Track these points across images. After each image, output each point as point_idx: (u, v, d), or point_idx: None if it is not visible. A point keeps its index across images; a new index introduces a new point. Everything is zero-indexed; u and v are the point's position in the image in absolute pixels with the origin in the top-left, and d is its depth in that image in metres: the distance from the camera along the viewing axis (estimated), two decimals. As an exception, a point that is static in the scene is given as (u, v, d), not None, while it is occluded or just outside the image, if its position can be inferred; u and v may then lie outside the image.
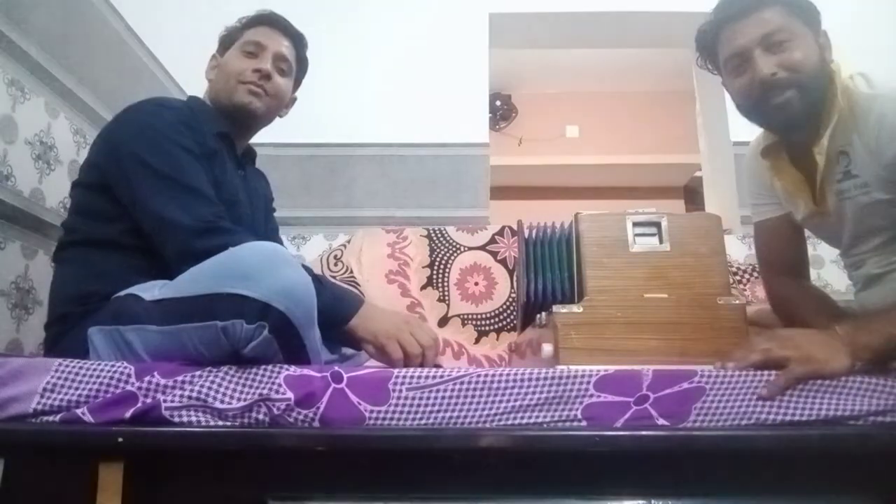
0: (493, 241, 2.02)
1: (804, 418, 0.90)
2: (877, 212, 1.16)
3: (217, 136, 1.30)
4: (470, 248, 2.01)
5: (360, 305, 1.17)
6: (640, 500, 0.91)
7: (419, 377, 0.91)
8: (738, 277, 1.93)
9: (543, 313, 1.09)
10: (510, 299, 1.91)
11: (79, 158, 1.56)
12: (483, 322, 1.90)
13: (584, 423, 0.90)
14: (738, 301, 1.05)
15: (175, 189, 1.12)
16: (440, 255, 2.00)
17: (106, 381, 0.90)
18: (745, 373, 0.92)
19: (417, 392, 0.90)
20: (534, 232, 1.19)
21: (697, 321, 1.03)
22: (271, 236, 1.44)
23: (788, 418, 0.90)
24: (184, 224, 1.09)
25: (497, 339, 1.86)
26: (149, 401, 0.89)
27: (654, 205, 3.99)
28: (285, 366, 0.93)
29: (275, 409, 0.89)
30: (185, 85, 2.12)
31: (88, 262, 1.15)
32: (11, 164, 1.39)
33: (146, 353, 1.01)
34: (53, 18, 1.55)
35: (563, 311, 1.03)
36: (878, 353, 0.95)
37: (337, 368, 0.93)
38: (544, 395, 0.90)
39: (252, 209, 1.37)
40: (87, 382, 0.90)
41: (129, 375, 0.90)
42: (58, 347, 1.09)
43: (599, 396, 0.90)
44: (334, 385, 0.90)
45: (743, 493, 0.91)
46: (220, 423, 0.89)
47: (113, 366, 0.92)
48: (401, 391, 0.90)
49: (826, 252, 2.05)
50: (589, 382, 0.91)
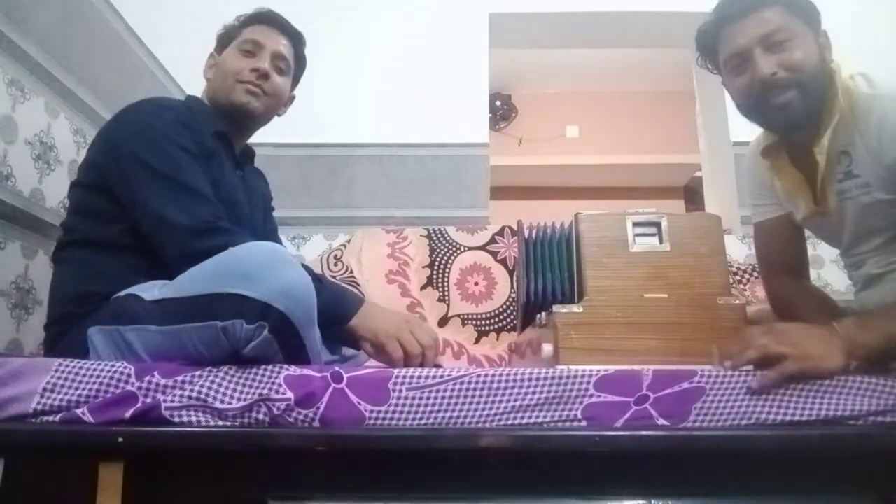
0: (493, 241, 2.02)
1: (804, 418, 0.90)
2: (878, 212, 1.16)
3: (215, 135, 1.29)
4: (470, 248, 2.01)
5: (360, 305, 1.17)
6: (640, 500, 0.91)
7: (419, 377, 0.91)
8: (738, 277, 1.93)
9: (543, 313, 1.09)
10: (510, 299, 1.91)
11: (79, 158, 1.55)
12: (483, 322, 1.90)
13: (584, 423, 0.90)
14: (738, 301, 1.05)
15: (174, 189, 1.12)
16: (440, 255, 2.00)
17: (106, 381, 0.90)
18: (744, 373, 0.92)
19: (417, 392, 0.90)
20: (534, 232, 1.19)
21: (697, 321, 1.03)
22: (270, 236, 1.43)
23: (788, 418, 0.90)
24: (183, 224, 1.09)
25: (497, 339, 1.86)
26: (149, 401, 0.89)
27: (654, 205, 4.00)
28: (285, 366, 0.93)
29: (275, 409, 0.89)
30: (185, 85, 2.11)
31: (88, 262, 1.15)
32: (11, 164, 1.39)
33: (146, 353, 1.01)
34: (53, 18, 1.55)
35: (563, 311, 1.03)
36: (876, 352, 0.95)
37: (337, 368, 0.93)
38: (544, 395, 0.90)
39: (251, 209, 1.36)
40: (87, 382, 0.90)
41: (129, 375, 0.90)
42: (58, 347, 1.09)
43: (599, 396, 0.90)
44: (334, 385, 0.90)
45: (743, 493, 0.91)
46: (220, 423, 0.89)
47: (113, 366, 0.92)
48: (401, 391, 0.90)
49: (826, 252, 2.05)
50: (589, 382, 0.91)
